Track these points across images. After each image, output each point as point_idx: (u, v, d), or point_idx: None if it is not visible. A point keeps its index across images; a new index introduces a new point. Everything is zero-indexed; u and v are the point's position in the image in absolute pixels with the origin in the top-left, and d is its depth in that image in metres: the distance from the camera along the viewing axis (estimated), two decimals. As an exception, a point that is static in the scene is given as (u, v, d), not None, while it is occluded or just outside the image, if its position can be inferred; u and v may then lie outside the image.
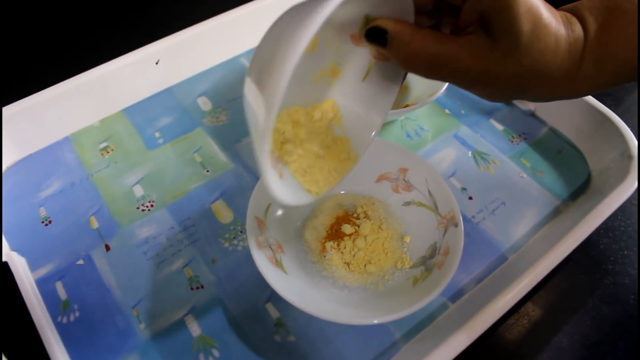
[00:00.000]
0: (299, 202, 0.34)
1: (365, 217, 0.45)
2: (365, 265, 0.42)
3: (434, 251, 0.41)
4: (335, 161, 0.37)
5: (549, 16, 0.27)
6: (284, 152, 0.35)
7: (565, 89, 0.29)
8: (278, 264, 0.40)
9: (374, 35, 0.31)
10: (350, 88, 0.37)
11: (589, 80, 0.29)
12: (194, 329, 0.41)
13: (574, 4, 0.30)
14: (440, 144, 0.54)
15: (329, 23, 0.31)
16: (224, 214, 0.47)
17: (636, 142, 0.48)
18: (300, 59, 0.25)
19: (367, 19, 0.32)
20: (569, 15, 0.29)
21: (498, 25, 0.27)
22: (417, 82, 0.56)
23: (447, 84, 0.50)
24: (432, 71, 0.30)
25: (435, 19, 0.32)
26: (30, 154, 0.52)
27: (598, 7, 0.29)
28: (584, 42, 0.28)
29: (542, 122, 0.55)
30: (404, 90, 0.56)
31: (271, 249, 0.40)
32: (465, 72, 0.29)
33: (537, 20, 0.27)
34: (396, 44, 0.30)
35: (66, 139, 0.54)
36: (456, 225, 0.40)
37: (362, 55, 0.35)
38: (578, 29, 0.28)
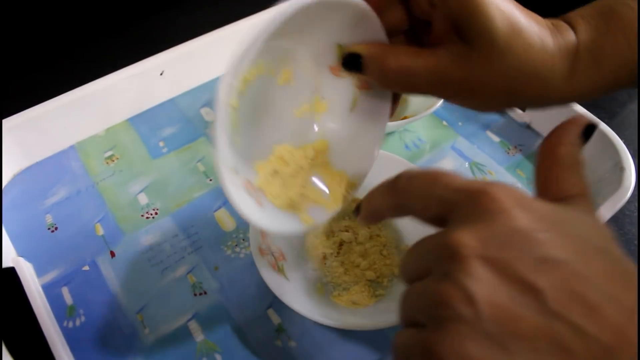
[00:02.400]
0: (285, 231, 0.33)
1: (364, 225, 0.46)
2: (364, 272, 0.43)
3: (431, 259, 0.42)
4: (333, 193, 0.36)
5: (526, 17, 0.27)
6: (267, 183, 0.34)
7: (561, 90, 0.28)
8: (280, 270, 0.41)
9: (350, 62, 0.30)
10: (339, 121, 0.36)
11: (588, 79, 0.27)
12: (197, 334, 0.42)
13: (564, 15, 0.29)
14: (438, 155, 0.55)
15: (302, 55, 0.33)
16: (227, 222, 0.48)
17: (629, 154, 0.49)
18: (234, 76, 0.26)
19: (341, 48, 0.31)
20: (556, 22, 0.28)
21: (471, 28, 0.26)
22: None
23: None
24: (412, 85, 0.29)
25: (416, 42, 0.31)
26: (37, 162, 0.53)
27: (591, 13, 0.28)
28: (577, 44, 0.27)
29: (538, 134, 0.57)
30: (402, 103, 0.57)
31: (273, 256, 0.41)
32: (446, 83, 0.28)
33: (511, 17, 0.26)
34: (372, 65, 0.29)
35: (72, 147, 0.55)
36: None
37: (346, 86, 0.35)
38: (569, 33, 0.27)
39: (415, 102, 0.57)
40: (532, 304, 0.19)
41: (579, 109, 0.52)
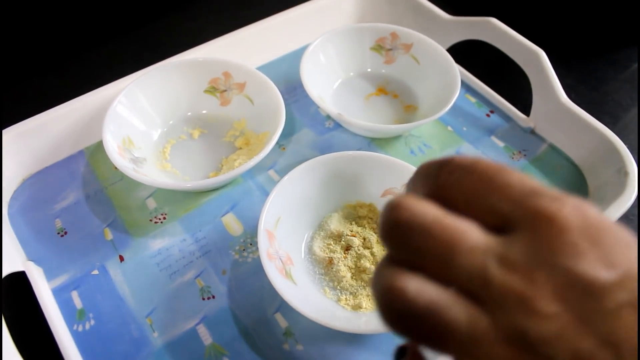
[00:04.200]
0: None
1: (371, 230, 0.46)
2: (371, 277, 0.43)
3: (437, 264, 0.42)
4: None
5: None
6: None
7: None
8: (288, 275, 0.41)
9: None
10: (250, 114, 0.55)
11: None
12: (206, 337, 0.42)
13: None
14: (443, 159, 0.55)
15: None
16: (234, 227, 0.49)
17: (632, 159, 0.49)
18: None
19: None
20: None
21: None
22: (424, 102, 0.58)
23: (452, 103, 0.51)
24: None
25: None
26: (46, 167, 0.54)
27: None
28: None
29: (542, 139, 0.57)
30: (411, 111, 0.58)
31: (281, 260, 0.42)
32: None
33: None
34: None
35: (81, 152, 0.55)
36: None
37: (239, 99, 0.56)
38: None
39: (423, 107, 0.57)
40: None
41: (584, 115, 0.53)
